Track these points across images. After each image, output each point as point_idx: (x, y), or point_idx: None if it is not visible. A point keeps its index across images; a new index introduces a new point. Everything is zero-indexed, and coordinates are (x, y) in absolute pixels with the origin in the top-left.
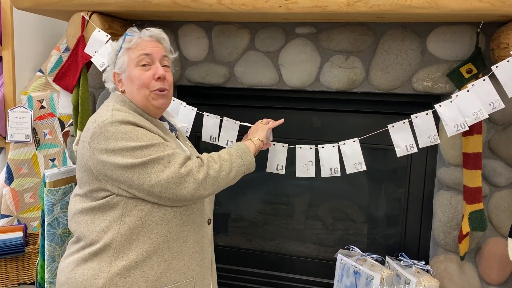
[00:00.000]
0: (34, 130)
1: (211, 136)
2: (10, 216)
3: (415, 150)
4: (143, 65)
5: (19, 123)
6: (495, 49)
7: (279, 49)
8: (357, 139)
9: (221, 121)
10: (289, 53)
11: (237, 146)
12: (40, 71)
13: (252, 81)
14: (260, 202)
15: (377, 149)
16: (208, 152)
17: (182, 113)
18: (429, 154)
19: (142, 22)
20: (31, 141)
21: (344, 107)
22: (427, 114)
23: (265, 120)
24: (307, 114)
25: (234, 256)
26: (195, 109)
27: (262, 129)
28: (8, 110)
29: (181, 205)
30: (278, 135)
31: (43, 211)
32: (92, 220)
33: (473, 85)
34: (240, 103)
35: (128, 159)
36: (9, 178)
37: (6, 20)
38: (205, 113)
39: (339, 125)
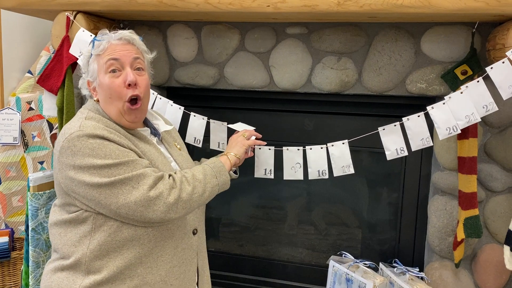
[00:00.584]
0: (22, 132)
1: (195, 138)
2: None
3: (406, 153)
4: (113, 71)
5: (7, 125)
6: (491, 50)
7: (269, 50)
8: (346, 141)
9: (208, 123)
10: (280, 54)
11: (212, 163)
12: (29, 72)
13: (242, 83)
14: (252, 206)
15: (372, 153)
16: (204, 154)
17: (168, 112)
18: (424, 158)
19: (130, 22)
20: (19, 144)
21: (336, 110)
22: (419, 116)
23: (247, 133)
24: (298, 116)
25: (225, 262)
26: (182, 108)
27: (241, 144)
28: None
29: (151, 226)
30: (268, 138)
31: (27, 216)
32: (65, 233)
33: (466, 87)
34: (230, 105)
35: (95, 177)
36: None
37: None
38: (192, 113)
39: (331, 128)
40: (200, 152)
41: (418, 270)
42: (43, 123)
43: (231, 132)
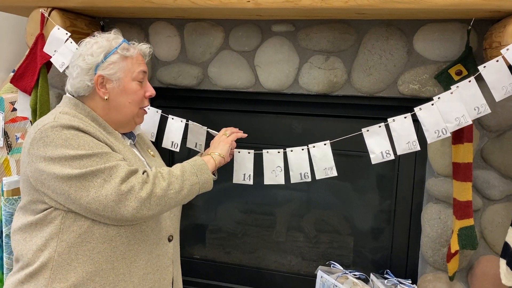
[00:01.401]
0: (5, 134)
1: (172, 142)
2: None
3: (392, 157)
4: (139, 81)
5: None
6: (488, 48)
7: (254, 49)
8: (328, 142)
9: (186, 125)
10: (265, 53)
11: (193, 161)
12: (14, 71)
13: (226, 83)
14: (239, 211)
15: (363, 157)
16: (183, 159)
17: (146, 116)
18: (418, 163)
19: (111, 19)
20: (2, 145)
21: (324, 111)
22: (405, 117)
23: (229, 130)
24: (285, 118)
25: (211, 270)
26: (160, 111)
27: (224, 142)
28: None
29: (124, 225)
30: (253, 141)
31: (0, 221)
32: (30, 237)
33: (457, 87)
34: (215, 106)
35: (65, 169)
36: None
37: None
38: (169, 116)
39: (319, 131)
40: (183, 159)
41: (410, 282)
42: (27, 124)
43: (210, 136)
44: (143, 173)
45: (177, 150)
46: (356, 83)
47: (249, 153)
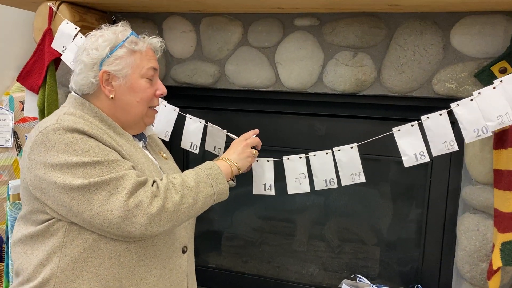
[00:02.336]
0: (15, 134)
1: (191, 143)
2: None
3: (426, 159)
4: (149, 79)
5: (0, 126)
6: None
7: (275, 45)
8: (355, 144)
9: (205, 126)
10: (287, 49)
11: (209, 168)
12: None
13: (245, 82)
14: (257, 218)
15: (392, 162)
16: (198, 162)
17: (162, 114)
18: (453, 169)
19: (122, 14)
20: (12, 146)
21: (350, 113)
22: (441, 115)
23: (252, 140)
24: (308, 120)
25: (227, 280)
26: (177, 109)
27: (246, 155)
28: None
29: (134, 241)
30: (273, 144)
31: (7, 227)
32: (31, 250)
33: (501, 81)
34: (232, 106)
35: (67, 177)
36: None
37: None
38: (187, 115)
39: (345, 133)
40: (197, 160)
41: None
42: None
43: (230, 140)
44: (152, 184)
45: (197, 151)
46: (386, 82)
47: (268, 161)
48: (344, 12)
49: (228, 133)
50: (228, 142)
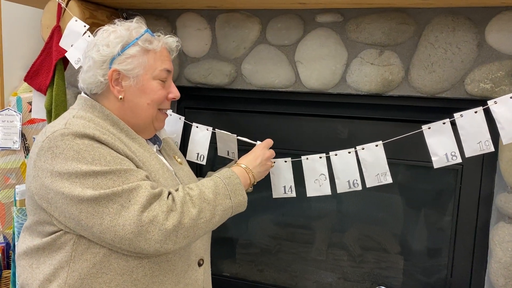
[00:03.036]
0: (23, 136)
1: (198, 154)
2: None
3: (458, 160)
4: (162, 80)
5: (7, 127)
6: None
7: (295, 42)
8: (380, 142)
9: (213, 133)
10: (308, 47)
11: (227, 178)
12: None
13: (262, 82)
14: (274, 224)
15: (417, 167)
16: (216, 165)
17: (167, 124)
18: (485, 174)
19: (134, 11)
20: (19, 148)
21: (376, 114)
22: (476, 112)
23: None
24: (330, 122)
25: None
26: (183, 118)
27: (266, 167)
28: None
29: (147, 256)
30: (292, 147)
31: (13, 233)
32: (37, 264)
33: None
34: (249, 108)
35: (76, 187)
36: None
37: None
38: (194, 124)
39: (369, 136)
40: (208, 164)
41: None
42: (45, 125)
43: (241, 143)
44: (168, 197)
45: (203, 163)
46: (415, 82)
47: (285, 161)
48: (370, 8)
49: (239, 137)
50: (241, 144)
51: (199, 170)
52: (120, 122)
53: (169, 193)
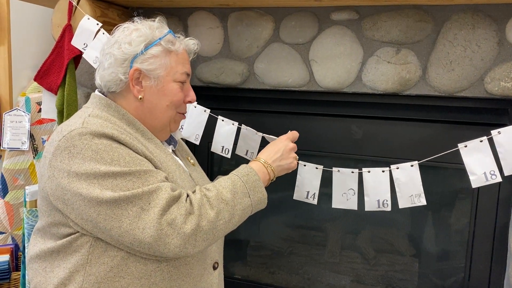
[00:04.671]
0: (31, 136)
1: (223, 147)
2: (3, 233)
3: (498, 179)
4: (181, 82)
5: (15, 128)
6: None
7: (310, 41)
8: (415, 162)
9: (238, 129)
10: (322, 46)
11: (246, 175)
12: None
13: (275, 81)
14: (286, 226)
15: (434, 168)
16: (223, 166)
17: (191, 116)
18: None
19: (145, 10)
20: (28, 149)
21: (392, 114)
22: None
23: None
24: (344, 122)
25: None
26: (208, 110)
27: (289, 163)
28: (4, 114)
29: (166, 260)
30: (307, 147)
31: (23, 235)
32: (51, 268)
33: None
34: (262, 107)
35: (94, 188)
36: (3, 190)
37: (2, 12)
38: (219, 117)
39: (387, 137)
40: (222, 167)
41: None
42: (54, 126)
43: (264, 143)
44: (186, 199)
45: (228, 156)
46: (433, 81)
47: (317, 168)
48: (386, 5)
49: (265, 135)
50: (262, 146)
51: (210, 170)
52: (136, 122)
53: (187, 195)
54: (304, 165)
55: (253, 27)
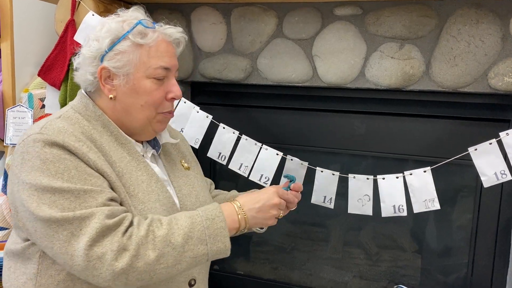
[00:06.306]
0: None
1: (220, 154)
2: (6, 228)
3: (508, 177)
4: (157, 79)
5: (18, 124)
6: None
7: (313, 36)
8: (428, 168)
9: (239, 137)
10: (326, 41)
11: (211, 219)
12: None
13: (279, 77)
14: (288, 222)
15: (435, 163)
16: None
17: (193, 120)
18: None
19: (148, 5)
20: None
21: (395, 110)
22: None
23: (286, 197)
24: (347, 117)
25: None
26: (210, 117)
27: (270, 216)
28: (6, 110)
29: None
30: (308, 143)
31: None
32: (14, 269)
33: None
34: (265, 103)
35: (32, 202)
36: (6, 186)
37: (4, 8)
38: (221, 124)
39: (387, 132)
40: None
41: None
42: None
43: (262, 156)
44: (126, 230)
45: (224, 163)
46: (436, 76)
47: (333, 174)
48: (390, 0)
49: (265, 145)
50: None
51: (213, 177)
52: (110, 125)
53: (130, 225)
54: (322, 171)
55: (256, 22)
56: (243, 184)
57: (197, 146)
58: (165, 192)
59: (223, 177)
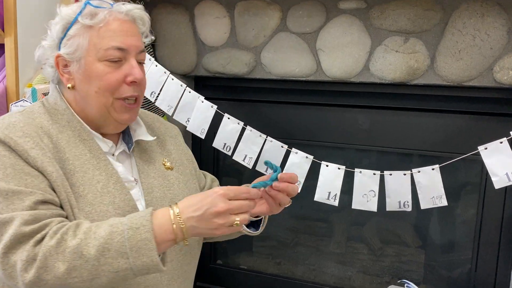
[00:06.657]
0: None
1: (225, 144)
2: None
3: None
4: (112, 61)
5: None
6: None
7: (317, 30)
8: (436, 166)
9: (243, 128)
10: (330, 35)
11: (135, 228)
12: None
13: (282, 71)
14: (291, 217)
15: (441, 158)
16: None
17: (198, 110)
18: None
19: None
20: None
21: (400, 104)
22: None
23: (233, 192)
24: (351, 112)
25: (259, 282)
26: (215, 107)
27: (213, 216)
28: (10, 105)
29: None
30: (312, 138)
31: None
32: None
33: None
34: (268, 97)
35: None
36: None
37: (8, 2)
38: (225, 115)
39: (392, 127)
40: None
41: None
42: None
43: (266, 148)
44: (38, 242)
45: (229, 153)
46: (441, 70)
47: (339, 169)
48: None
49: (269, 137)
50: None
51: (216, 169)
52: (74, 119)
53: (45, 235)
54: (327, 166)
55: (260, 16)
56: (247, 180)
57: (203, 136)
58: (124, 195)
59: (226, 173)
